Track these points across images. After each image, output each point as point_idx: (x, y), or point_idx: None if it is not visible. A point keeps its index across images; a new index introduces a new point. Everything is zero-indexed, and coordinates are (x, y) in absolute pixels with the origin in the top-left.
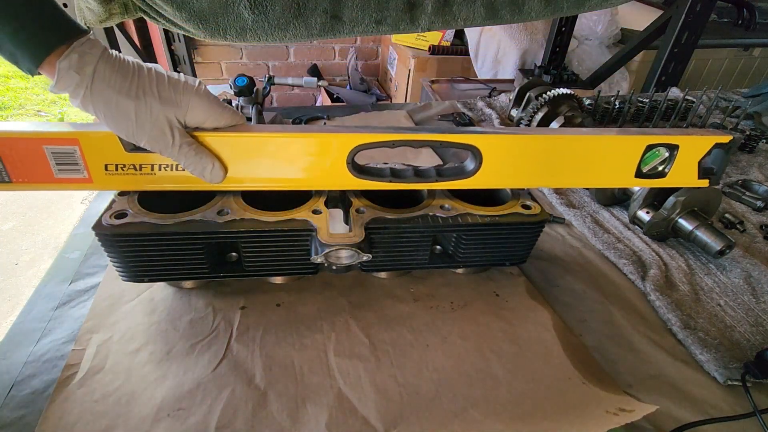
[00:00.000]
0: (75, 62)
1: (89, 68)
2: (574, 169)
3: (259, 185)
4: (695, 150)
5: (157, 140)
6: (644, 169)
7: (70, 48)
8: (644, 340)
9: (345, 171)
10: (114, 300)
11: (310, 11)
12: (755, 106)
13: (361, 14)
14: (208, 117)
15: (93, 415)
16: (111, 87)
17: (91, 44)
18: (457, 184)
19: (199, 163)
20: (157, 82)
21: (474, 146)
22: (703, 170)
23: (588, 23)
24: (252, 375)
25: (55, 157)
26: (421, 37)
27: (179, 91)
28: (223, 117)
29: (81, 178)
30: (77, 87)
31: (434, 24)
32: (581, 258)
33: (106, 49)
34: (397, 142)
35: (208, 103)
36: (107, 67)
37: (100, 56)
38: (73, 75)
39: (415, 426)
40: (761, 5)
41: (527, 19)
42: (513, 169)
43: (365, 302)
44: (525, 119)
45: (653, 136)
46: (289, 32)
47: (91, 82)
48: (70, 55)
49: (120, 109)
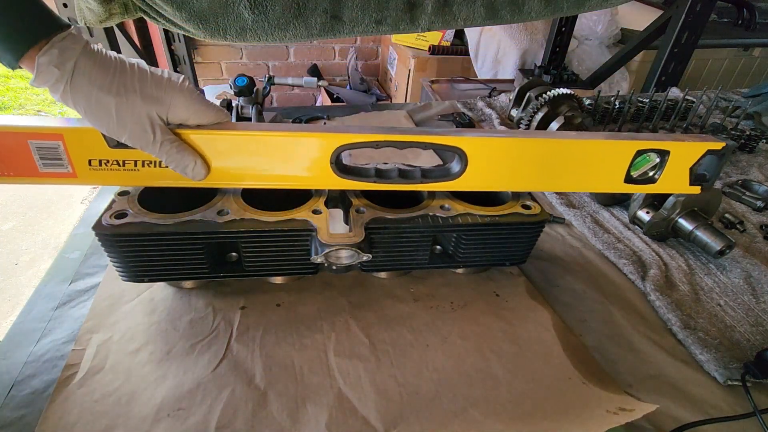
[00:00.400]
0: (55, 57)
1: (69, 63)
2: (562, 172)
3: (243, 183)
4: (687, 156)
5: (138, 137)
6: (634, 174)
7: (50, 43)
8: (644, 340)
9: (329, 170)
10: (114, 300)
11: (310, 11)
12: (755, 106)
13: (361, 14)
14: (191, 115)
15: (93, 415)
16: (91, 83)
17: (72, 39)
18: (443, 185)
19: (181, 160)
20: (139, 78)
21: (459, 148)
22: (695, 176)
23: (588, 23)
24: (252, 375)
25: (39, 152)
26: (421, 37)
27: (162, 88)
28: (206, 115)
29: (65, 172)
30: (57, 82)
31: (434, 24)
32: (581, 258)
33: (87, 43)
34: (381, 143)
35: (191, 100)
36: (88, 62)
37: (81, 51)
38: (52, 70)
39: (415, 426)
40: (761, 5)
41: (527, 19)
42: (500, 172)
43: (365, 302)
44: (525, 119)
45: (643, 141)
46: (289, 32)
47: (71, 77)
48: (50, 50)
49: (100, 105)
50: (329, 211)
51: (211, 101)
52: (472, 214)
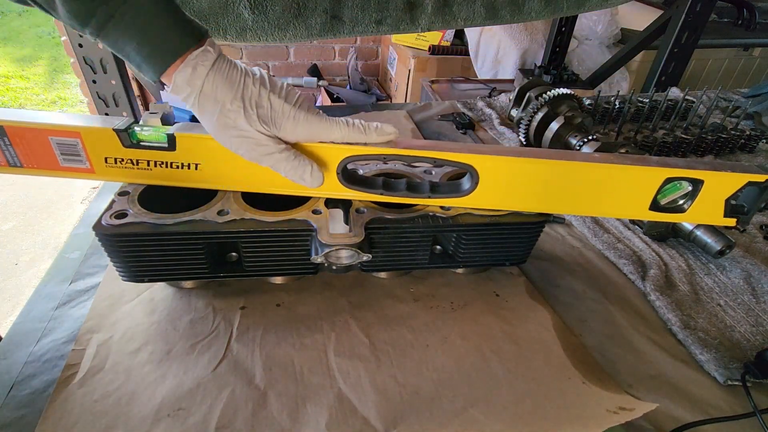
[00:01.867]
0: (188, 75)
1: (199, 81)
2: (581, 197)
3: (247, 188)
4: (723, 187)
5: (251, 151)
6: (662, 201)
7: (185, 62)
8: (644, 340)
9: (335, 180)
10: (114, 300)
11: (310, 11)
12: (755, 106)
13: (361, 14)
14: (299, 138)
15: (93, 415)
16: (216, 100)
17: (204, 55)
18: (451, 202)
19: (296, 170)
20: (258, 98)
21: (471, 166)
22: (732, 209)
23: (588, 23)
24: (252, 375)
25: (59, 148)
26: (421, 37)
27: (277, 113)
28: (313, 137)
29: (83, 168)
30: (187, 97)
31: (434, 24)
32: (581, 258)
33: (217, 58)
34: (389, 156)
35: (302, 127)
36: (216, 79)
37: (210, 68)
38: (185, 87)
39: (415, 426)
40: (761, 5)
41: (527, 19)
42: (512, 192)
43: (365, 302)
44: (525, 119)
45: (674, 168)
46: (289, 32)
47: (199, 93)
48: (184, 69)
49: (220, 122)
50: (329, 211)
51: (334, 119)
52: (472, 213)
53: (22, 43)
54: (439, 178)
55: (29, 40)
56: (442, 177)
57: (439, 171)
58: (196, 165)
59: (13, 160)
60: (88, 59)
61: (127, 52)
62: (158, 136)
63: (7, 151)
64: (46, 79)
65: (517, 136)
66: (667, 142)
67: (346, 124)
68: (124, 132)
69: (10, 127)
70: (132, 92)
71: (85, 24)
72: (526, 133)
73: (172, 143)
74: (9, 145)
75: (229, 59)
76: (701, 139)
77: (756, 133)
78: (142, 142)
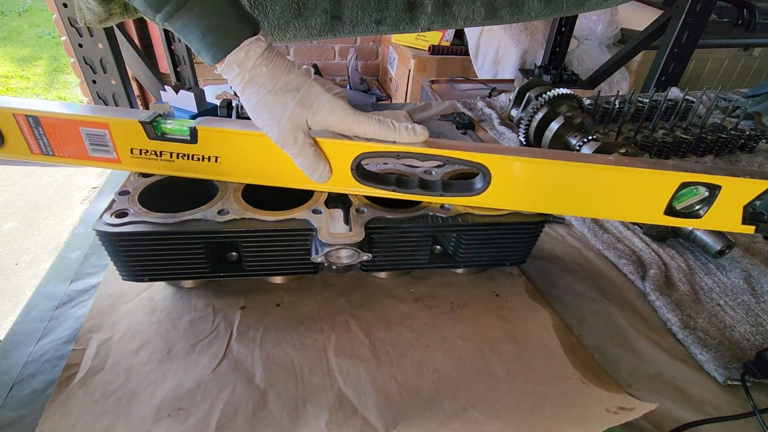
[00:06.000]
0: (240, 58)
1: (249, 63)
2: (594, 200)
3: (259, 182)
4: (742, 193)
5: (284, 140)
6: (677, 206)
7: (239, 47)
8: (644, 340)
9: (349, 176)
10: (114, 300)
11: (310, 11)
12: (755, 106)
13: (361, 14)
14: (332, 126)
15: (93, 415)
16: (261, 85)
17: (256, 44)
18: (463, 200)
19: (313, 165)
20: (301, 83)
21: (483, 165)
22: (750, 215)
23: (588, 23)
24: (252, 375)
25: (89, 138)
26: (421, 37)
27: (317, 98)
28: (350, 129)
29: (111, 158)
30: (234, 78)
31: (434, 24)
32: (581, 258)
33: (266, 48)
34: (403, 154)
35: (338, 115)
36: (264, 66)
37: (260, 54)
38: (235, 68)
39: (415, 426)
40: (761, 5)
41: (527, 19)
42: (525, 193)
43: (365, 302)
44: (525, 119)
45: (690, 173)
46: (289, 32)
47: (248, 73)
48: (237, 52)
49: (261, 105)
50: (329, 211)
51: (367, 114)
52: (473, 214)
53: (22, 43)
54: (439, 177)
55: (29, 40)
56: (443, 177)
57: (440, 171)
58: (216, 158)
59: (46, 149)
60: (88, 59)
61: (190, 39)
62: (181, 129)
63: (41, 140)
64: (46, 79)
65: (516, 136)
66: (667, 142)
67: (377, 121)
68: (150, 124)
69: (44, 117)
70: (132, 92)
71: (157, 11)
72: (526, 133)
73: (194, 136)
74: (43, 135)
75: (278, 50)
76: (701, 139)
77: (756, 133)
78: (166, 134)
